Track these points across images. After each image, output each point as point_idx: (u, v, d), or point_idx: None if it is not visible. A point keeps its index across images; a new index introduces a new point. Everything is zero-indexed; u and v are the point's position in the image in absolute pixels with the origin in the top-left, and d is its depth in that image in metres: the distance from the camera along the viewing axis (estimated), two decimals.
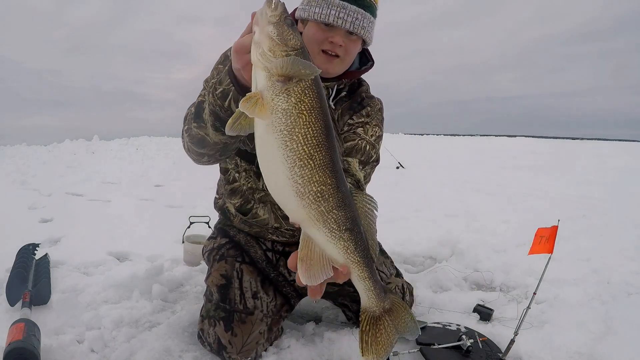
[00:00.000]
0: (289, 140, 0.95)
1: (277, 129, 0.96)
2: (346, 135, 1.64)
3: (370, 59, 1.71)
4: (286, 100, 0.96)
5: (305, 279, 1.03)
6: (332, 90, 1.64)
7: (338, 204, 0.99)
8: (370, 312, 1.08)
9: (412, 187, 6.23)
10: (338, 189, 0.99)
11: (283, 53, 0.98)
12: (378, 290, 1.07)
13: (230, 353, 1.54)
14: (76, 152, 12.15)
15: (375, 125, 1.69)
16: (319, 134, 0.96)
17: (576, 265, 2.62)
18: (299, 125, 0.95)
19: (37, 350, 1.44)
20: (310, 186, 0.97)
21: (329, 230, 1.00)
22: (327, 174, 0.98)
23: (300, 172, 0.96)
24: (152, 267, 2.28)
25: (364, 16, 1.48)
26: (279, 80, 0.96)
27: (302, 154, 0.96)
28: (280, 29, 0.99)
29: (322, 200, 0.98)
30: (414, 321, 1.12)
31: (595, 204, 5.03)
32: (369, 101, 1.71)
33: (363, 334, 1.08)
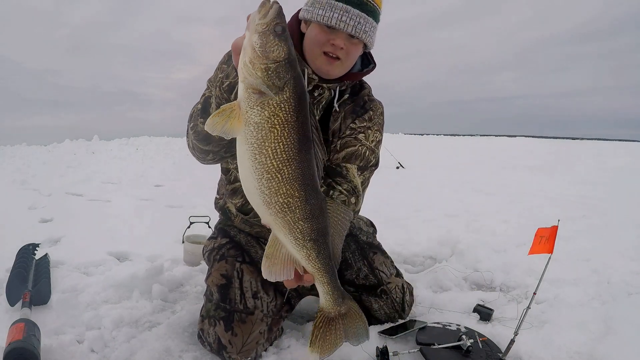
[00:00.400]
0: (258, 154, 0.99)
1: (248, 141, 0.99)
2: (348, 140, 1.67)
3: (372, 62, 1.72)
4: (259, 114, 0.97)
5: (266, 274, 1.10)
6: (335, 91, 1.65)
7: (305, 216, 1.04)
8: (325, 312, 1.17)
9: (412, 187, 6.23)
10: (306, 202, 1.04)
11: (262, 66, 0.98)
12: (336, 295, 1.16)
13: (230, 353, 1.54)
14: (76, 152, 12.15)
15: (377, 130, 1.72)
16: (290, 149, 0.99)
17: (576, 265, 2.62)
18: (270, 139, 0.98)
19: (37, 350, 1.44)
20: (277, 197, 1.01)
21: (294, 239, 1.06)
22: (295, 188, 1.01)
23: (267, 184, 1.00)
24: (152, 267, 2.28)
25: (366, 20, 1.49)
26: (255, 92, 0.97)
27: (270, 168, 0.99)
28: (264, 39, 0.98)
29: (288, 211, 1.03)
30: (366, 330, 1.21)
31: (595, 204, 5.03)
32: (371, 104, 1.73)
33: (315, 329, 1.17)
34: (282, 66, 0.99)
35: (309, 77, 1.59)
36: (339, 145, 1.68)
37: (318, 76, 1.59)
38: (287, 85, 1.00)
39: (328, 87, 1.63)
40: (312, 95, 1.63)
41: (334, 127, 1.69)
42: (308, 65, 1.58)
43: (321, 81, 1.60)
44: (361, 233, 1.91)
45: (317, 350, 1.18)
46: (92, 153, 11.94)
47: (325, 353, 1.19)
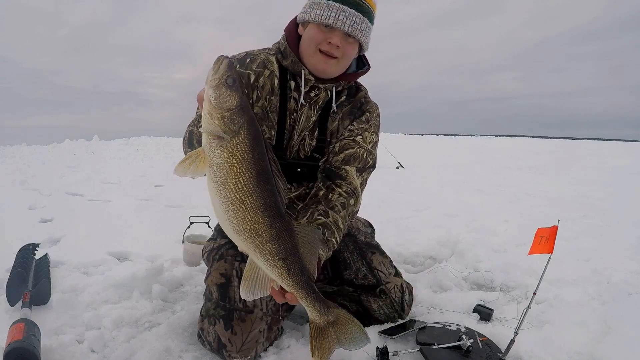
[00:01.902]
0: (222, 189, 1.12)
1: (213, 179, 1.13)
2: (346, 142, 1.71)
3: (367, 64, 1.76)
4: (219, 156, 1.12)
5: (244, 295, 1.23)
6: (331, 92, 1.67)
7: (271, 238, 1.16)
8: (315, 323, 1.25)
9: (412, 187, 6.23)
10: (271, 226, 1.15)
11: (218, 115, 1.12)
12: (318, 306, 1.22)
13: (230, 352, 1.54)
14: (76, 152, 12.15)
15: (373, 132, 1.77)
16: (250, 182, 1.12)
17: (576, 265, 2.62)
18: (231, 176, 1.12)
19: (37, 350, 1.44)
20: (244, 225, 1.14)
21: (265, 259, 1.17)
22: (259, 215, 1.14)
23: (234, 214, 1.13)
24: (152, 267, 2.28)
25: (362, 20, 1.54)
26: (214, 138, 1.12)
27: (234, 200, 1.12)
28: (217, 91, 1.13)
29: (256, 236, 1.15)
30: (363, 333, 1.27)
31: (595, 204, 5.03)
32: (367, 106, 1.78)
33: (312, 340, 1.26)
34: (236, 113, 1.13)
35: (305, 77, 1.62)
36: (338, 148, 1.70)
37: (314, 77, 1.61)
38: (242, 129, 1.13)
39: (324, 88, 1.65)
40: (309, 96, 1.66)
41: (332, 128, 1.72)
42: (304, 67, 1.60)
43: (317, 82, 1.63)
44: (359, 233, 1.91)
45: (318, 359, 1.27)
46: (92, 153, 11.94)
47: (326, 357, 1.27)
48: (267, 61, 1.67)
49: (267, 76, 1.65)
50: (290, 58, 1.63)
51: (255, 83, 1.63)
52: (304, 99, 1.65)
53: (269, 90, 1.65)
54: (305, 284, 1.21)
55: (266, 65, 1.66)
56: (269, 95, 1.65)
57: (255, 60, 1.66)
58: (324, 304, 1.23)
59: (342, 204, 1.62)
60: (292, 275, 1.18)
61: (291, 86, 1.65)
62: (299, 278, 1.19)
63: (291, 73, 1.66)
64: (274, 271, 1.18)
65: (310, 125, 1.69)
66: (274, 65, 1.66)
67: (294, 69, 1.63)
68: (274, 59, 1.67)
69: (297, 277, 1.19)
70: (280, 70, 1.66)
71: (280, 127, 1.65)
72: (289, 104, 1.66)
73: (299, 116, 1.67)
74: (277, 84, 1.65)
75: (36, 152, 11.81)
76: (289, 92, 1.66)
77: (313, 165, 1.71)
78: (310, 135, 1.69)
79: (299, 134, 1.68)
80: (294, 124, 1.67)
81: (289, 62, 1.63)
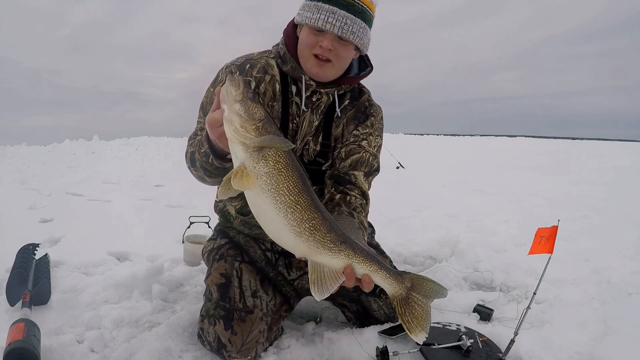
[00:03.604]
0: (277, 196, 1.16)
1: (265, 189, 1.16)
2: (352, 147, 1.71)
3: (369, 65, 1.73)
4: (266, 165, 1.15)
5: (318, 296, 1.20)
6: (333, 96, 1.66)
7: (328, 228, 1.20)
8: (397, 296, 1.24)
9: (412, 187, 6.23)
10: (324, 218, 1.20)
11: (253, 127, 1.16)
12: (394, 275, 1.23)
13: (230, 352, 1.54)
14: (76, 152, 12.15)
15: (378, 136, 1.77)
16: (298, 182, 1.17)
17: (576, 265, 2.62)
18: (281, 181, 1.16)
19: (37, 350, 1.44)
20: (304, 224, 1.17)
21: (329, 250, 1.20)
22: (313, 210, 1.18)
23: (293, 217, 1.16)
24: (152, 267, 2.28)
25: (354, 21, 1.49)
26: (255, 150, 1.15)
27: (290, 203, 1.16)
28: (245, 105, 1.17)
29: (315, 231, 1.18)
30: (438, 285, 1.27)
31: (595, 204, 5.03)
32: (371, 109, 1.77)
33: (402, 316, 1.24)
34: (266, 122, 1.18)
35: (306, 83, 1.60)
36: (344, 153, 1.70)
37: (315, 81, 1.60)
38: None
39: (326, 92, 1.64)
40: (311, 101, 1.64)
41: (336, 133, 1.71)
42: (304, 72, 1.59)
43: (319, 86, 1.61)
44: None
45: (419, 331, 1.24)
46: (92, 153, 11.94)
47: (426, 326, 1.25)
48: (268, 65, 1.65)
49: (268, 82, 1.63)
50: (290, 64, 1.61)
51: (256, 90, 1.61)
52: (305, 105, 1.63)
53: (271, 96, 1.63)
54: (373, 257, 1.22)
55: (267, 70, 1.64)
56: (271, 101, 1.63)
57: (255, 65, 1.64)
58: (397, 272, 1.24)
59: (361, 204, 1.64)
60: (359, 252, 1.21)
61: (292, 91, 1.64)
62: (365, 252, 1.22)
63: (292, 78, 1.64)
64: (340, 256, 1.20)
65: (313, 130, 1.67)
66: (274, 70, 1.64)
67: (295, 75, 1.61)
68: (274, 62, 1.65)
69: (363, 252, 1.21)
70: (281, 75, 1.64)
71: (282, 132, 1.63)
72: (291, 109, 1.64)
73: (302, 121, 1.65)
74: (279, 89, 1.63)
75: (36, 152, 11.81)
76: (291, 97, 1.64)
77: (316, 169, 1.70)
78: (314, 140, 1.68)
79: (302, 139, 1.67)
80: (297, 129, 1.65)
81: (288, 68, 1.62)
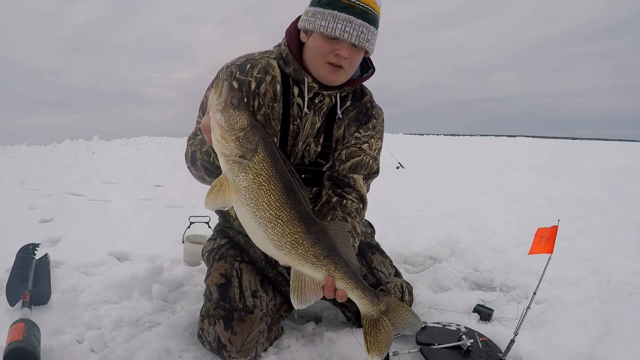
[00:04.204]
0: (256, 210, 1.13)
1: (244, 203, 1.13)
2: (353, 150, 1.71)
3: (371, 66, 1.74)
4: (245, 179, 1.12)
5: (297, 305, 1.21)
6: (335, 98, 1.66)
7: (312, 242, 1.18)
8: (368, 316, 1.23)
9: (412, 187, 6.23)
10: (309, 231, 1.17)
11: (233, 137, 1.12)
12: (370, 296, 1.22)
13: (230, 352, 1.54)
14: (76, 152, 12.15)
15: (379, 139, 1.78)
16: (281, 196, 1.14)
17: (576, 265, 2.62)
18: (261, 196, 1.12)
19: (37, 350, 1.44)
20: (285, 239, 1.15)
21: (311, 264, 1.19)
22: (296, 224, 1.15)
23: (273, 231, 1.14)
24: (152, 267, 2.28)
25: (369, 29, 1.51)
26: (235, 162, 1.12)
27: (270, 217, 1.13)
28: (226, 114, 1.13)
29: (298, 245, 1.16)
30: (415, 316, 1.25)
31: (595, 204, 5.03)
32: (373, 111, 1.77)
33: (366, 335, 1.24)
34: (249, 131, 1.13)
35: (308, 85, 1.60)
36: (344, 156, 1.70)
37: (318, 83, 1.60)
38: (259, 146, 1.14)
39: (328, 94, 1.64)
40: (313, 102, 1.64)
41: (338, 134, 1.71)
42: (308, 74, 1.59)
43: (321, 88, 1.61)
44: None
45: (376, 354, 1.25)
46: (92, 153, 11.94)
47: (384, 352, 1.25)
48: (269, 66, 1.64)
49: (268, 82, 1.62)
50: (293, 66, 1.60)
51: (256, 90, 1.60)
52: (307, 107, 1.63)
53: (271, 97, 1.62)
54: (353, 275, 1.22)
55: (267, 71, 1.63)
56: (272, 102, 1.62)
57: (255, 65, 1.63)
58: (374, 293, 1.23)
59: (356, 209, 1.63)
60: (340, 269, 1.20)
61: (294, 92, 1.63)
62: (346, 270, 1.21)
63: (293, 79, 1.63)
64: (322, 270, 1.19)
65: (315, 132, 1.67)
66: (275, 71, 1.64)
67: (297, 77, 1.61)
68: (276, 63, 1.64)
69: (344, 270, 1.21)
70: (283, 76, 1.64)
71: (283, 133, 1.63)
72: (292, 110, 1.64)
73: (304, 123, 1.65)
74: (280, 90, 1.63)
75: (36, 152, 11.80)
76: (292, 98, 1.63)
77: (317, 170, 1.70)
78: (316, 141, 1.68)
79: (304, 140, 1.66)
80: (298, 130, 1.65)
81: (291, 70, 1.61)
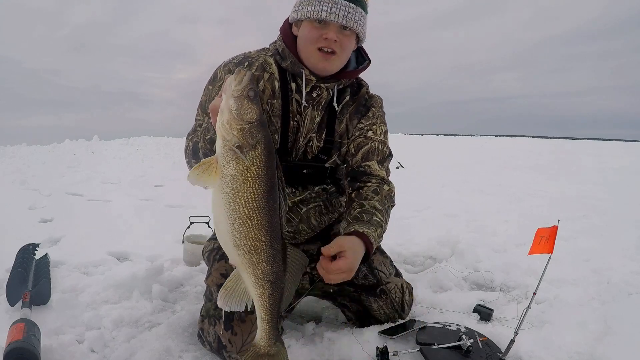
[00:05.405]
0: (232, 202, 1.12)
1: (224, 190, 1.12)
2: (359, 140, 1.72)
3: (367, 58, 1.75)
4: (235, 168, 1.12)
5: (220, 303, 1.20)
6: (333, 91, 1.66)
7: (267, 259, 1.16)
8: (257, 347, 1.22)
9: (412, 187, 6.22)
10: (270, 246, 1.16)
11: (238, 127, 1.12)
12: (271, 335, 1.21)
13: (230, 352, 1.54)
14: (76, 152, 12.15)
15: (381, 123, 1.78)
16: (260, 199, 1.13)
17: (576, 265, 2.62)
18: (243, 190, 1.11)
19: (37, 350, 1.44)
20: (246, 241, 1.14)
21: (255, 278, 1.17)
22: (263, 233, 1.14)
23: (238, 228, 1.13)
24: (152, 267, 2.28)
25: (355, 10, 1.53)
26: (231, 149, 1.11)
27: (241, 215, 1.12)
28: (239, 103, 1.13)
29: (254, 253, 1.15)
30: None
31: (595, 204, 5.03)
32: (371, 101, 1.78)
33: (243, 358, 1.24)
34: (255, 127, 1.13)
35: (306, 78, 1.60)
36: (354, 149, 1.71)
37: (315, 76, 1.60)
38: (259, 143, 1.14)
39: (326, 87, 1.64)
40: (311, 97, 1.64)
41: (340, 129, 1.71)
42: (305, 67, 1.59)
43: (319, 81, 1.61)
44: None
45: None
46: (92, 153, 11.94)
47: None
48: (266, 63, 1.65)
49: (266, 79, 1.63)
50: (290, 59, 1.61)
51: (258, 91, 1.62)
52: (306, 101, 1.63)
53: (270, 94, 1.63)
54: (276, 311, 1.21)
55: (265, 68, 1.64)
56: (270, 99, 1.63)
57: (253, 63, 1.64)
58: (276, 335, 1.22)
59: (374, 190, 1.63)
60: (271, 300, 1.18)
61: (292, 88, 1.64)
62: (275, 305, 1.20)
63: (291, 74, 1.64)
64: (257, 290, 1.18)
65: (316, 126, 1.68)
66: (272, 68, 1.64)
67: (294, 70, 1.62)
68: (272, 60, 1.65)
69: (274, 302, 1.19)
70: (280, 72, 1.64)
71: (284, 130, 1.63)
72: (291, 106, 1.64)
73: (303, 118, 1.65)
74: (278, 87, 1.63)
75: (36, 152, 11.81)
76: (291, 94, 1.64)
77: (318, 166, 1.70)
78: (318, 136, 1.68)
79: (305, 136, 1.67)
80: (298, 126, 1.65)
81: (288, 64, 1.62)
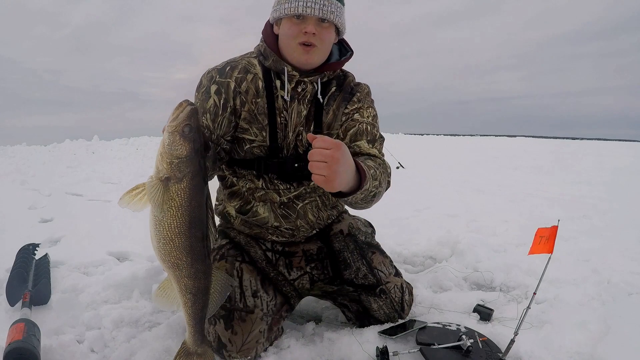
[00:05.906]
0: (158, 225, 1.24)
1: (152, 214, 1.25)
2: (347, 124, 1.73)
3: (349, 49, 1.77)
4: (161, 196, 1.22)
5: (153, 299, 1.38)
6: (317, 84, 1.68)
7: (189, 275, 1.29)
8: (187, 346, 1.37)
9: (412, 187, 6.23)
10: (191, 266, 1.28)
11: (167, 160, 1.21)
12: (196, 337, 1.35)
13: (230, 352, 1.54)
14: (76, 152, 12.16)
15: (368, 107, 1.78)
16: (182, 225, 1.24)
17: (576, 265, 2.61)
18: (167, 217, 1.23)
19: (37, 350, 1.44)
20: (169, 258, 1.27)
21: (179, 289, 1.31)
22: (183, 254, 1.26)
23: (163, 247, 1.26)
24: (152, 267, 2.28)
25: (331, 2, 1.57)
26: (160, 179, 1.21)
27: (165, 236, 1.25)
28: (172, 138, 1.21)
29: (177, 269, 1.28)
30: None
31: (595, 204, 5.03)
32: (356, 88, 1.80)
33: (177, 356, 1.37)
34: (183, 162, 1.21)
35: (289, 74, 1.63)
36: (342, 133, 1.72)
37: (299, 71, 1.62)
38: (186, 178, 1.22)
39: (310, 81, 1.66)
40: (296, 92, 1.67)
41: (328, 120, 1.73)
42: (287, 64, 1.62)
43: (302, 76, 1.64)
44: (360, 233, 1.91)
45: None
46: (92, 153, 11.95)
47: None
48: (250, 65, 1.68)
49: (250, 80, 1.66)
50: (272, 57, 1.64)
51: (237, 89, 1.64)
52: (290, 96, 1.66)
53: (254, 94, 1.65)
54: (200, 319, 1.35)
55: (248, 70, 1.67)
56: (255, 98, 1.65)
57: (236, 67, 1.68)
58: (201, 337, 1.36)
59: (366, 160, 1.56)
60: (194, 310, 1.32)
61: (277, 85, 1.67)
62: (198, 314, 1.33)
63: (275, 72, 1.67)
64: (182, 299, 1.32)
65: (303, 120, 1.69)
66: (256, 68, 1.68)
67: (277, 68, 1.64)
68: (256, 61, 1.69)
69: (196, 313, 1.33)
70: (265, 72, 1.67)
71: (271, 127, 1.66)
72: (277, 103, 1.67)
73: (290, 113, 1.68)
74: (262, 86, 1.66)
75: (36, 152, 11.82)
76: (276, 92, 1.67)
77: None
78: (306, 130, 1.70)
79: (294, 130, 1.69)
80: (286, 122, 1.68)
81: (270, 62, 1.65)
